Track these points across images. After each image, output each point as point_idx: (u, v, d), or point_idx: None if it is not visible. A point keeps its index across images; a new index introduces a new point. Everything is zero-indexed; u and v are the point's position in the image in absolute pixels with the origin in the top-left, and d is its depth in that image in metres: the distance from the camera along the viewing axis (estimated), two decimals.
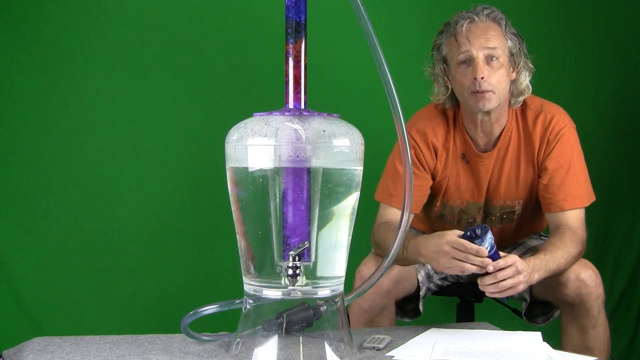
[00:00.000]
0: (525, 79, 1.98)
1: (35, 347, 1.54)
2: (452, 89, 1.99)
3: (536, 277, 1.77)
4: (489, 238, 1.69)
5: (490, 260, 1.68)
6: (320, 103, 1.67)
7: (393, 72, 1.38)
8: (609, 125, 2.97)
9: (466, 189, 2.06)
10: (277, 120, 1.41)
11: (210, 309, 1.48)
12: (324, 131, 1.40)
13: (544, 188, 2.00)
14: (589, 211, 2.05)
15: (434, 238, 1.78)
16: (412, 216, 2.03)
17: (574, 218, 1.97)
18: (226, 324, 1.73)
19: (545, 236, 2.22)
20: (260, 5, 2.88)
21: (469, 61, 1.90)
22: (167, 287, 2.89)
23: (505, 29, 1.94)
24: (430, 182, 2.06)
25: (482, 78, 1.88)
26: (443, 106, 2.06)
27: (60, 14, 2.82)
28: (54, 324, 2.79)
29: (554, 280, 1.89)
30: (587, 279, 1.89)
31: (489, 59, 1.89)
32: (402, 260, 1.90)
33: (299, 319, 1.48)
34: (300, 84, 1.44)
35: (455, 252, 1.71)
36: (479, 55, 1.89)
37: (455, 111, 2.06)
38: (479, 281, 1.71)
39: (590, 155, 2.07)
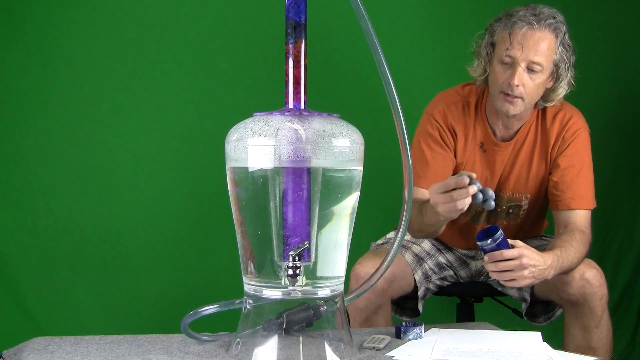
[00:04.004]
0: (562, 92, 1.99)
1: (35, 347, 1.54)
2: (488, 74, 2.01)
3: (552, 273, 1.79)
4: (499, 234, 1.72)
5: (474, 187, 1.70)
6: (320, 103, 1.67)
7: (393, 72, 1.38)
8: (609, 125, 2.97)
9: (480, 177, 2.07)
10: (277, 120, 1.41)
11: (210, 309, 1.47)
12: (324, 131, 1.40)
13: (553, 185, 2.02)
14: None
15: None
16: None
17: (581, 218, 1.98)
18: (226, 324, 1.73)
19: (545, 237, 2.23)
20: (260, 5, 2.88)
21: (512, 65, 1.91)
22: (167, 287, 2.89)
23: (561, 41, 1.93)
24: (454, 163, 2.07)
25: (517, 85, 1.90)
26: (468, 90, 2.08)
27: (60, 14, 2.82)
28: (54, 324, 2.80)
29: (558, 279, 1.89)
30: (591, 278, 1.90)
31: (530, 69, 1.90)
32: (423, 225, 1.94)
33: (299, 319, 1.48)
34: (300, 84, 1.44)
35: (441, 197, 1.73)
36: (522, 64, 1.89)
37: (479, 97, 2.07)
38: (485, 257, 1.74)
39: (591, 156, 2.08)
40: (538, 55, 1.89)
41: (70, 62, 2.84)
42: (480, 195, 1.71)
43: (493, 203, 1.73)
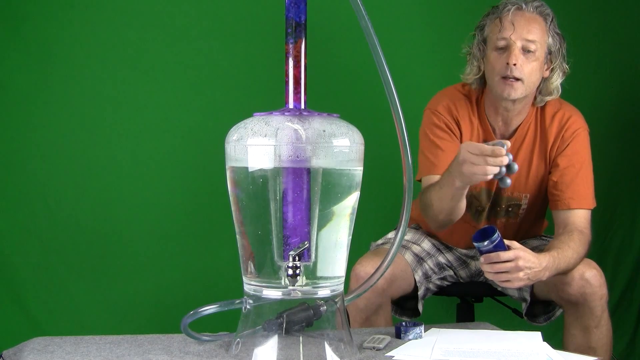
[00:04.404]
0: (557, 80, 2.01)
1: (35, 347, 1.54)
2: (483, 71, 2.02)
3: (547, 274, 1.79)
4: (496, 236, 1.72)
5: (507, 158, 1.67)
6: (320, 103, 1.67)
7: (393, 72, 1.38)
8: (609, 125, 2.97)
9: None
10: (277, 120, 1.41)
11: (210, 309, 1.47)
12: (324, 131, 1.40)
13: (553, 185, 2.02)
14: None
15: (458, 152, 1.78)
16: None
17: (580, 218, 1.98)
18: (226, 324, 1.73)
19: (545, 237, 2.23)
20: (260, 5, 2.88)
21: (506, 48, 1.93)
22: (167, 287, 2.89)
23: (550, 26, 1.97)
24: None
25: (515, 65, 1.91)
26: (467, 89, 2.09)
27: (60, 14, 2.82)
28: (54, 324, 2.80)
29: (558, 279, 1.90)
30: (591, 278, 1.90)
31: (525, 50, 1.92)
32: (440, 196, 1.89)
33: (299, 319, 1.48)
34: (300, 84, 1.44)
35: (473, 158, 1.70)
36: (517, 43, 1.92)
37: (478, 96, 2.08)
38: (481, 259, 1.74)
39: (591, 154, 2.08)
40: (531, 33, 1.92)
41: (70, 62, 2.84)
42: (504, 170, 1.70)
43: (509, 181, 1.70)
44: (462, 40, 2.10)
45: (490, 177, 1.71)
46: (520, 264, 1.73)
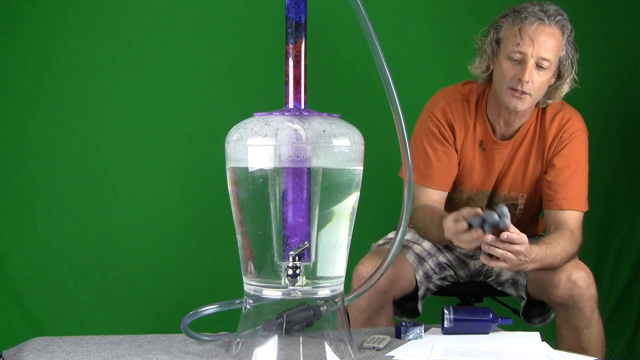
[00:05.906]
0: (564, 90, 2.01)
1: (35, 347, 1.54)
2: (491, 70, 2.01)
3: (531, 266, 1.81)
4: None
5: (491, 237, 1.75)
6: (320, 103, 1.67)
7: (393, 72, 1.38)
8: (609, 125, 2.97)
9: (478, 176, 2.08)
10: (277, 120, 1.41)
11: (210, 309, 1.48)
12: (324, 131, 1.40)
13: (547, 184, 2.03)
14: (588, 212, 2.06)
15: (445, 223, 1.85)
16: (444, 194, 2.08)
17: (572, 219, 1.98)
18: (226, 324, 1.73)
19: (543, 237, 2.23)
20: (260, 5, 2.88)
21: (521, 61, 1.92)
22: (167, 287, 2.89)
23: (567, 39, 1.95)
24: (457, 157, 2.08)
25: (527, 82, 1.91)
26: (468, 89, 2.09)
27: (60, 14, 2.82)
28: (54, 324, 2.80)
29: (547, 281, 1.90)
30: (578, 280, 1.90)
31: (539, 65, 1.92)
32: (433, 235, 1.99)
33: (299, 319, 1.48)
34: (300, 84, 1.44)
35: (459, 238, 1.80)
36: (532, 60, 1.91)
37: (479, 96, 2.08)
38: (484, 238, 1.75)
39: (590, 156, 2.08)
40: (547, 51, 1.91)
41: (70, 62, 2.84)
42: (487, 227, 1.75)
43: (507, 222, 1.73)
44: (462, 40, 2.10)
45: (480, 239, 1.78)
46: (522, 249, 1.75)
